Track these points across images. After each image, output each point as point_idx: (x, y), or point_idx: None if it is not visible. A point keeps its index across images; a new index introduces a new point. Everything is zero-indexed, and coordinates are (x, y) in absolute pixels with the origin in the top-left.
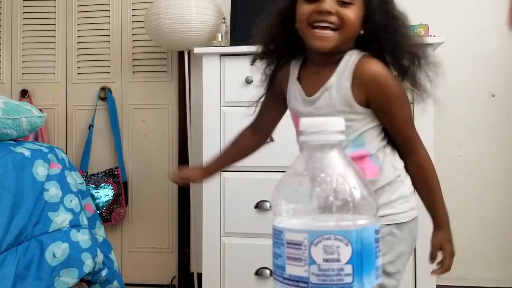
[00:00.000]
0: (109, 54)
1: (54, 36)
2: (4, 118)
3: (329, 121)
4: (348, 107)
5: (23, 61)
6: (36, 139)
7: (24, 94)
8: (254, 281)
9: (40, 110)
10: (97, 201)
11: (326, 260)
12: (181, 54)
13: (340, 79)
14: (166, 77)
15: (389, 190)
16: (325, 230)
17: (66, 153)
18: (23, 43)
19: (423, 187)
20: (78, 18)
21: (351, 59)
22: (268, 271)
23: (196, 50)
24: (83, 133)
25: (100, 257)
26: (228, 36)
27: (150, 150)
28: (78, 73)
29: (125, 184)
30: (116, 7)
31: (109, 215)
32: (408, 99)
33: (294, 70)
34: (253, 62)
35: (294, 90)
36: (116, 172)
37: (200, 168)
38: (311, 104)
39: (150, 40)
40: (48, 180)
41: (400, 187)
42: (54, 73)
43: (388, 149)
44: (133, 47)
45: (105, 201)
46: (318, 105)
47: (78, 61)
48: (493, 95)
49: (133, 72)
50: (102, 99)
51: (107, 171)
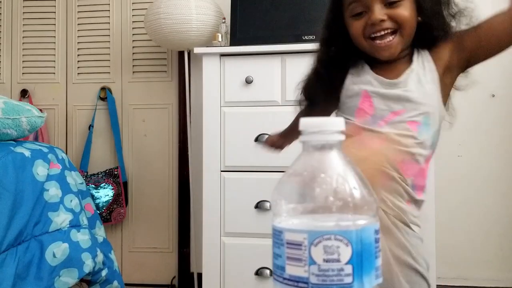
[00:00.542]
0: (109, 54)
1: (54, 36)
2: (4, 118)
3: (329, 121)
4: (433, 89)
5: (23, 61)
6: (36, 139)
7: (24, 94)
8: (254, 281)
9: (40, 110)
10: (97, 201)
11: (326, 260)
12: (181, 54)
13: (422, 61)
14: (166, 77)
15: None
16: (325, 230)
17: (66, 153)
18: (23, 43)
19: None
20: (78, 18)
21: (420, 50)
22: (268, 271)
23: (196, 50)
24: (83, 133)
25: (100, 257)
26: (228, 36)
27: (150, 150)
28: (78, 73)
29: (125, 184)
30: (116, 7)
31: (109, 215)
32: None
33: (360, 66)
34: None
35: (366, 76)
36: (116, 172)
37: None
38: (396, 86)
39: (150, 40)
40: (48, 180)
41: None
42: (54, 73)
43: None
44: (133, 47)
45: (105, 201)
46: (406, 87)
47: (78, 61)
48: (493, 95)
49: (133, 72)
50: (102, 99)
51: (107, 171)
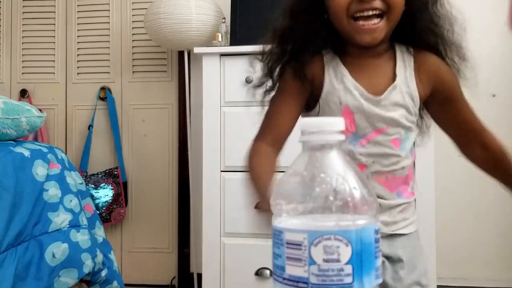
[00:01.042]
0: (109, 54)
1: (54, 36)
2: (4, 118)
3: (329, 121)
4: (414, 107)
5: (23, 61)
6: (36, 139)
7: (24, 94)
8: (254, 281)
9: (40, 110)
10: (97, 201)
11: (326, 260)
12: (181, 54)
13: (405, 76)
14: (166, 77)
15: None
16: (325, 230)
17: (66, 153)
18: (23, 43)
19: (502, 166)
20: (78, 18)
21: (405, 55)
22: (268, 271)
23: (196, 50)
24: (83, 133)
25: (100, 257)
26: (228, 36)
27: (150, 150)
28: (78, 73)
29: (125, 184)
30: (116, 7)
31: (109, 215)
32: None
33: (335, 61)
34: (264, 59)
35: (346, 84)
36: (116, 172)
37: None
38: (377, 105)
39: (150, 40)
40: (48, 180)
41: None
42: (54, 73)
43: None
44: (133, 47)
45: (105, 201)
46: (387, 106)
47: (78, 61)
48: (494, 95)
49: (133, 72)
50: (102, 99)
51: (107, 171)
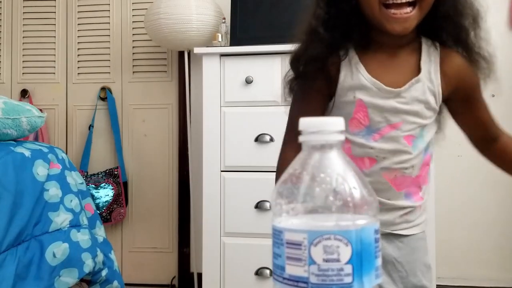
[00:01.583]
0: (109, 54)
1: (54, 36)
2: (4, 118)
3: (329, 121)
4: (435, 103)
5: (23, 61)
6: (36, 139)
7: (24, 94)
8: (254, 281)
9: (40, 110)
10: (97, 201)
11: (326, 260)
12: (181, 54)
13: (429, 71)
14: (166, 77)
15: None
16: (325, 230)
17: (66, 153)
18: (23, 43)
19: None
20: (78, 18)
21: (431, 49)
22: (268, 271)
23: (196, 50)
24: (83, 133)
25: (100, 257)
26: (228, 36)
27: (150, 150)
28: (78, 73)
29: (125, 184)
30: (116, 7)
31: (109, 215)
32: None
33: (352, 58)
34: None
35: (361, 80)
36: (116, 172)
37: None
38: (396, 97)
39: (150, 40)
40: (48, 180)
41: None
42: (54, 73)
43: None
44: (133, 47)
45: (105, 201)
46: (406, 99)
47: (78, 61)
48: (493, 95)
49: (133, 72)
50: (102, 99)
51: (107, 171)
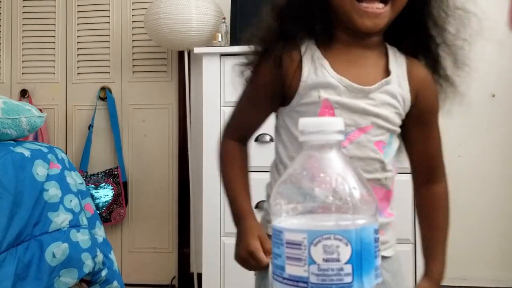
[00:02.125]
0: (109, 54)
1: (54, 36)
2: (4, 118)
3: (328, 121)
4: (402, 109)
5: (23, 61)
6: (36, 139)
7: (24, 94)
8: (254, 281)
9: (40, 110)
10: (97, 201)
11: (326, 260)
12: (181, 54)
13: (398, 75)
14: (166, 77)
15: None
16: (325, 230)
17: (66, 153)
18: (23, 43)
19: (433, 223)
20: (78, 18)
21: (397, 54)
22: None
23: (196, 50)
24: (83, 133)
25: (100, 257)
26: (228, 36)
27: (150, 150)
28: (78, 73)
29: (125, 184)
30: (116, 7)
31: (109, 215)
32: None
33: (314, 54)
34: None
35: (326, 76)
36: (116, 172)
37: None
38: (365, 98)
39: (150, 40)
40: (48, 180)
41: None
42: (54, 73)
43: None
44: (133, 47)
45: (105, 201)
46: (376, 101)
47: (78, 61)
48: (493, 95)
49: (133, 72)
50: (102, 99)
51: (107, 171)
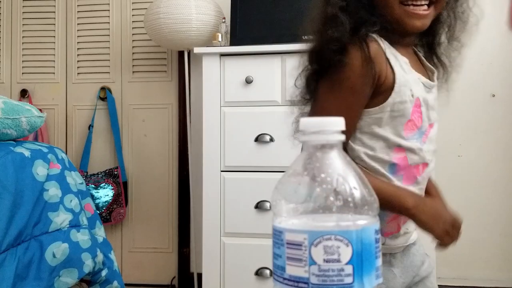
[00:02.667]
0: (109, 54)
1: (54, 36)
2: (4, 118)
3: (329, 121)
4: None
5: (23, 61)
6: (36, 139)
7: (24, 94)
8: (254, 281)
9: (40, 110)
10: (97, 201)
11: (327, 261)
12: (181, 54)
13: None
14: (166, 77)
15: None
16: (325, 231)
17: (66, 153)
18: (23, 43)
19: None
20: (78, 18)
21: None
22: (268, 271)
23: (196, 50)
24: (83, 133)
25: (100, 257)
26: (228, 36)
27: (150, 150)
28: (78, 73)
29: (125, 184)
30: (116, 7)
31: (109, 215)
32: None
33: (390, 48)
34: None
35: (412, 74)
36: (116, 172)
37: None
38: (430, 91)
39: (150, 40)
40: (48, 180)
41: None
42: (54, 73)
43: None
44: (133, 47)
45: (105, 201)
46: (435, 94)
47: (78, 61)
48: (493, 95)
49: (133, 72)
50: (102, 99)
51: (107, 171)
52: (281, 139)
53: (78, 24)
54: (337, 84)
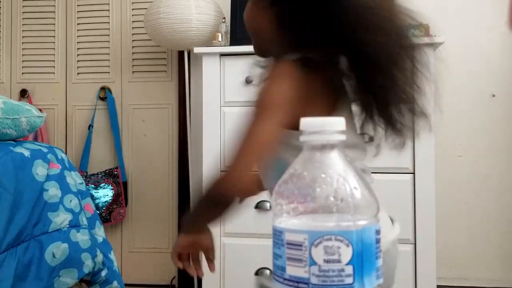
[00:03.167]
0: (109, 54)
1: (54, 36)
2: (4, 118)
3: (330, 121)
4: None
5: (23, 61)
6: (36, 139)
7: (24, 94)
8: (254, 281)
9: (40, 110)
10: (97, 201)
11: (327, 261)
12: (181, 54)
13: None
14: (166, 77)
15: None
16: (326, 231)
17: (66, 153)
18: (23, 43)
19: None
20: (78, 18)
21: None
22: (268, 272)
23: (196, 50)
24: (83, 133)
25: (100, 257)
26: (228, 36)
27: (150, 150)
28: (78, 73)
29: (125, 184)
30: (116, 7)
31: (109, 215)
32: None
33: None
34: None
35: None
36: (116, 172)
37: None
38: None
39: (150, 40)
40: (48, 180)
41: None
42: (54, 73)
43: None
44: (133, 47)
45: (105, 201)
46: None
47: (78, 61)
48: (494, 95)
49: (133, 72)
50: (102, 99)
51: (107, 171)
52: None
53: (78, 24)
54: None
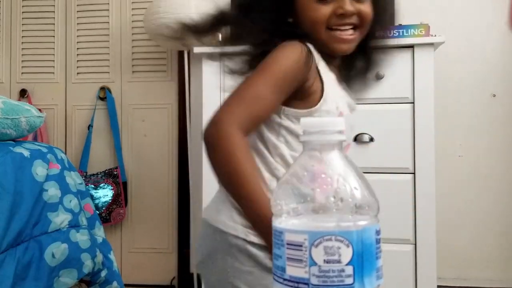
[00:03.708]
0: (109, 54)
1: (54, 36)
2: (3, 118)
3: (330, 121)
4: None
5: (22, 61)
6: (35, 139)
7: (23, 94)
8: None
9: (39, 110)
10: (97, 201)
11: (327, 261)
12: (181, 54)
13: None
14: (166, 77)
15: None
16: (326, 231)
17: (66, 153)
18: (22, 43)
19: None
20: (78, 18)
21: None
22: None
23: (196, 50)
24: (83, 133)
25: (100, 258)
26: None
27: (150, 150)
28: (78, 73)
29: (125, 184)
30: (116, 7)
31: (109, 216)
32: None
33: (321, 61)
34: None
35: (338, 89)
36: (116, 172)
37: None
38: (352, 113)
39: (150, 40)
40: (47, 180)
41: None
42: (54, 73)
43: None
44: (133, 47)
45: (105, 201)
46: (353, 118)
47: (78, 61)
48: (494, 95)
49: (133, 72)
50: (102, 99)
51: (107, 171)
52: None
53: (78, 24)
54: (269, 69)
